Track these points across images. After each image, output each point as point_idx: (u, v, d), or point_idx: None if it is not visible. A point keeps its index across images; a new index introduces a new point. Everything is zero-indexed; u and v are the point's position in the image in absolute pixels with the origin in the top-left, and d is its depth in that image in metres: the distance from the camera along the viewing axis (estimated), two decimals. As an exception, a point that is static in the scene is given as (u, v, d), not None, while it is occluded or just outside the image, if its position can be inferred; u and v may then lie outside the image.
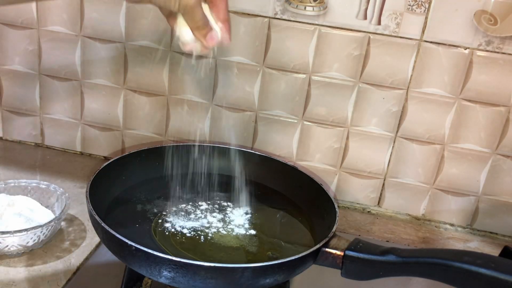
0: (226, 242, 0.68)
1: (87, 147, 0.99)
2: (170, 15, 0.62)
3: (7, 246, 0.68)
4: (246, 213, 0.75)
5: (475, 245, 0.89)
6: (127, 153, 0.79)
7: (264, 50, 0.86)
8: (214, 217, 0.73)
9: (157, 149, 0.83)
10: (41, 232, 0.70)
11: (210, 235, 0.69)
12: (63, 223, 0.78)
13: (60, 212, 0.73)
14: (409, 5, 0.79)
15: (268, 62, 0.86)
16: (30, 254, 0.71)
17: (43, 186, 0.79)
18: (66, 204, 0.74)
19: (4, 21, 0.91)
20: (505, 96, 0.82)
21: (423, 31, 0.80)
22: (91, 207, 0.64)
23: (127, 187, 0.76)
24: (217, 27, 0.61)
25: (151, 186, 0.78)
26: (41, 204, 0.77)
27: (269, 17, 0.84)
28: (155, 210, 0.72)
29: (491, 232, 0.91)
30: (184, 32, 0.60)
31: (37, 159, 0.97)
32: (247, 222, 0.73)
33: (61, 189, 0.78)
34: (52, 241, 0.74)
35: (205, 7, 0.60)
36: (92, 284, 0.69)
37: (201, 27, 0.60)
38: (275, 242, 0.70)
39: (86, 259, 0.73)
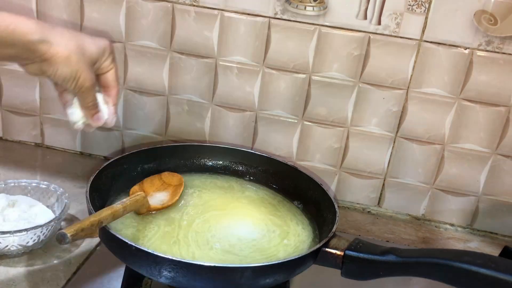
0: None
1: (87, 147, 0.99)
2: (63, 93, 0.67)
3: (7, 246, 0.68)
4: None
5: (475, 245, 0.89)
6: (127, 153, 0.79)
7: (264, 50, 0.86)
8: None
9: (157, 149, 0.83)
10: (41, 232, 0.70)
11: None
12: (63, 223, 0.78)
13: (60, 212, 0.73)
14: (409, 5, 0.79)
15: (268, 62, 0.86)
16: (30, 254, 0.71)
17: (43, 186, 0.79)
18: (66, 204, 0.74)
19: (4, 21, 0.91)
20: (505, 96, 0.82)
21: (423, 31, 0.80)
22: (91, 207, 0.64)
23: (127, 187, 0.76)
24: (105, 109, 0.67)
25: (151, 186, 0.78)
26: (41, 204, 0.77)
27: (269, 17, 0.84)
28: (155, 210, 0.72)
29: (491, 232, 0.91)
30: (74, 112, 0.66)
31: (37, 159, 0.97)
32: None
33: (61, 189, 0.78)
34: (52, 241, 0.74)
35: (98, 94, 0.67)
36: (92, 284, 0.69)
37: (90, 108, 0.66)
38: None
39: (86, 259, 0.73)
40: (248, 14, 0.84)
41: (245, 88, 0.89)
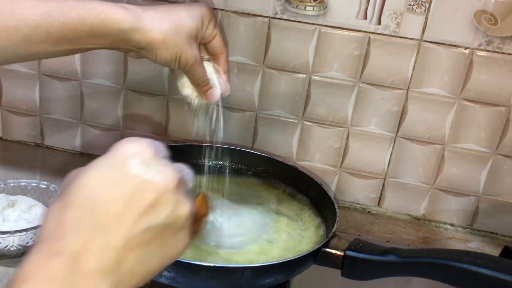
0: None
1: (87, 147, 0.99)
2: (173, 71, 0.64)
3: (7, 246, 0.68)
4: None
5: (475, 245, 0.89)
6: (127, 153, 0.79)
7: (264, 50, 0.86)
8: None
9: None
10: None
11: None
12: None
13: None
14: (409, 5, 0.79)
15: (268, 62, 0.86)
16: (30, 254, 0.71)
17: (43, 186, 0.79)
18: None
19: (4, 21, 0.91)
20: (505, 96, 0.82)
21: (423, 31, 0.80)
22: (91, 207, 0.64)
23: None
24: (217, 82, 0.64)
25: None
26: (41, 204, 0.77)
27: (269, 17, 0.83)
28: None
29: (491, 232, 0.91)
30: (184, 87, 0.63)
31: (37, 159, 0.97)
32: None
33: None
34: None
35: (207, 64, 0.63)
36: (92, 284, 0.69)
37: (201, 85, 0.63)
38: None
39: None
40: (248, 14, 0.84)
41: (245, 88, 0.89)
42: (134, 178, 0.37)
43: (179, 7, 0.61)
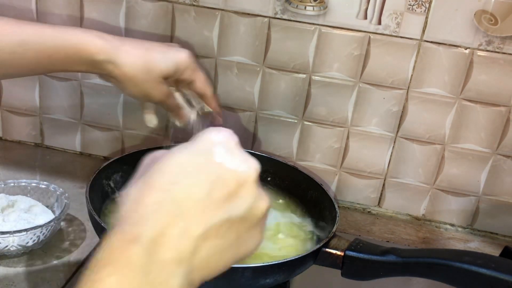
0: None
1: (87, 147, 0.99)
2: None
3: (7, 246, 0.68)
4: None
5: (475, 245, 0.89)
6: (127, 153, 0.79)
7: (264, 50, 0.86)
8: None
9: (157, 149, 0.83)
10: (41, 232, 0.70)
11: None
12: (62, 223, 0.78)
13: (60, 212, 0.73)
14: (410, 5, 0.79)
15: (268, 62, 0.86)
16: (30, 254, 0.71)
17: (43, 186, 0.79)
18: (66, 204, 0.74)
19: (4, 21, 0.91)
20: (505, 96, 0.82)
21: (423, 31, 0.80)
22: (91, 207, 0.64)
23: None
24: (191, 106, 0.68)
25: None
26: (41, 204, 0.77)
27: (269, 17, 0.83)
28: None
29: (491, 232, 0.91)
30: (151, 120, 0.71)
31: (37, 159, 0.97)
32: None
33: (61, 189, 0.78)
34: (52, 242, 0.74)
35: (178, 94, 0.67)
36: (92, 284, 0.69)
37: (172, 109, 0.67)
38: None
39: (86, 259, 0.73)
40: (248, 14, 0.84)
41: (245, 88, 0.89)
42: (219, 165, 0.36)
43: (157, 48, 0.63)
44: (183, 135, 0.71)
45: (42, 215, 0.74)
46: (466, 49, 0.80)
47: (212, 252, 0.35)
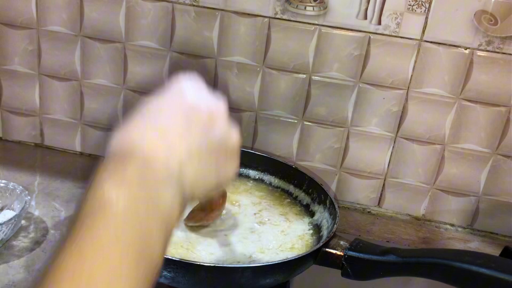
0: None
1: (87, 147, 0.99)
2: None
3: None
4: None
5: (475, 245, 0.89)
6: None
7: (264, 50, 0.85)
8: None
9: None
10: (1, 230, 0.69)
11: None
12: (23, 222, 0.76)
13: (20, 210, 0.72)
14: (410, 5, 0.79)
15: (268, 62, 0.86)
16: (30, 255, 0.71)
17: (2, 185, 0.77)
18: (26, 201, 0.73)
19: (4, 21, 0.91)
20: (505, 96, 0.82)
21: (423, 31, 0.80)
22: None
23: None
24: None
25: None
26: (0, 202, 0.75)
27: (269, 17, 0.83)
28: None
29: (491, 233, 0.91)
30: None
31: (36, 159, 0.97)
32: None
33: (21, 186, 0.76)
34: (51, 242, 0.74)
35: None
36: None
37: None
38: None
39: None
40: (248, 14, 0.84)
41: (245, 88, 0.89)
42: (191, 104, 0.43)
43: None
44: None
45: (1, 214, 0.73)
46: (466, 49, 0.80)
47: (197, 174, 0.41)
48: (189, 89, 0.44)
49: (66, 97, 0.95)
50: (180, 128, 0.41)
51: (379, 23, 0.81)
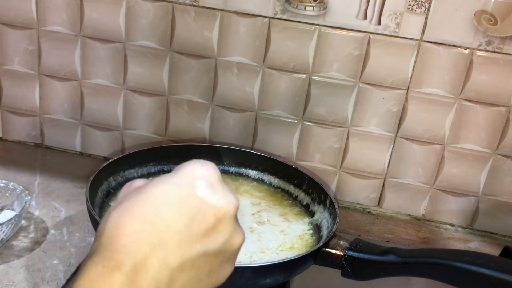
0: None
1: (87, 147, 0.99)
2: None
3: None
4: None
5: (475, 245, 0.89)
6: (127, 153, 0.79)
7: (264, 50, 0.86)
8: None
9: (157, 149, 0.83)
10: (1, 230, 0.69)
11: None
12: (23, 222, 0.77)
13: (21, 210, 0.72)
14: (409, 5, 0.79)
15: (268, 62, 0.86)
16: (30, 254, 0.71)
17: (2, 185, 0.77)
18: (26, 201, 0.73)
19: (4, 21, 0.91)
20: (505, 96, 0.82)
21: (423, 31, 0.80)
22: (91, 207, 0.64)
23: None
24: None
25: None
26: (0, 202, 0.75)
27: (269, 17, 0.84)
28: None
29: (491, 233, 0.91)
30: None
31: (36, 159, 0.97)
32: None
33: (21, 186, 0.76)
34: (52, 242, 0.74)
35: None
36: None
37: None
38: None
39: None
40: (248, 14, 0.84)
41: (245, 88, 0.89)
42: (200, 200, 0.38)
43: None
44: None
45: (1, 214, 0.73)
46: (466, 49, 0.80)
47: (186, 283, 0.37)
48: (201, 183, 0.38)
49: (66, 97, 0.95)
50: (180, 231, 0.36)
51: (379, 23, 0.81)
